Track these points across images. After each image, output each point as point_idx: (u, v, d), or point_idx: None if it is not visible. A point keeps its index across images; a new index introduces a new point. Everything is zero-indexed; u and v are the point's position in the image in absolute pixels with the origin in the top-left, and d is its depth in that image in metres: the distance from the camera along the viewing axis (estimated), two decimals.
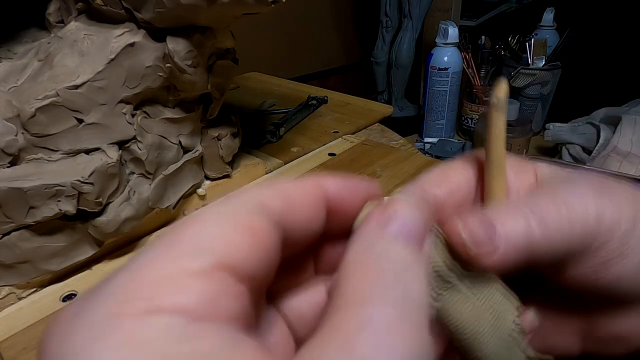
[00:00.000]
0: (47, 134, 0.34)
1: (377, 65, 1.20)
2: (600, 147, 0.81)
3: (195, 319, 0.10)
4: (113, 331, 0.09)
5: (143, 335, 0.09)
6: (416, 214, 0.14)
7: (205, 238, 0.11)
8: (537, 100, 1.05)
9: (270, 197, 0.13)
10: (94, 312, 0.10)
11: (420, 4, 1.08)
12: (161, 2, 0.33)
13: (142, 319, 0.09)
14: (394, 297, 0.11)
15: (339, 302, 0.11)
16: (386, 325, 0.10)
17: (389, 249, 0.13)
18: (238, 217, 0.12)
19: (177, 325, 0.09)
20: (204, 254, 0.11)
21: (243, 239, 0.11)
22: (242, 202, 0.12)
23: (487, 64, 1.07)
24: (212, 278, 0.10)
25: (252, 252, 0.11)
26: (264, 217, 0.12)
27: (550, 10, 1.09)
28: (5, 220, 0.32)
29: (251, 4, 0.34)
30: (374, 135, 0.64)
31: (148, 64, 0.36)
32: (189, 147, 0.43)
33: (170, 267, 0.10)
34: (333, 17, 1.31)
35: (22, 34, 0.42)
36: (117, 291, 0.10)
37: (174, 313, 0.10)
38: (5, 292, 0.34)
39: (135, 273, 0.10)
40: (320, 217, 0.14)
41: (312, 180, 0.14)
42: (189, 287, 0.10)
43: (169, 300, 0.10)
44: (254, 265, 0.11)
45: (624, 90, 0.98)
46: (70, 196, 0.32)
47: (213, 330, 0.10)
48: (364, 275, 0.12)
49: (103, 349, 0.09)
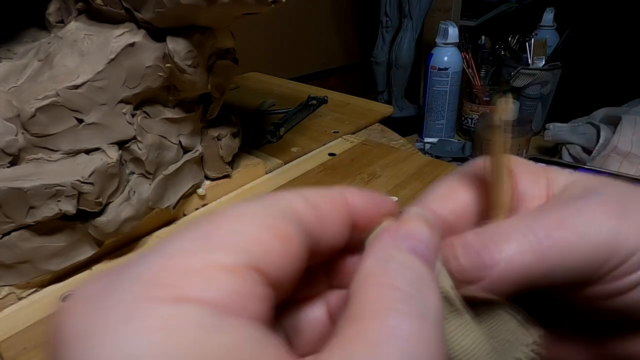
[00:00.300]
0: (47, 134, 0.34)
1: (377, 65, 1.20)
2: (600, 147, 0.81)
3: (223, 313, 0.10)
4: (143, 315, 0.09)
5: (175, 322, 0.09)
6: (431, 232, 0.14)
7: (241, 236, 0.11)
8: (537, 100, 1.05)
9: (303, 207, 0.13)
10: (123, 293, 0.10)
11: (420, 4, 1.08)
12: (161, 2, 0.33)
13: (175, 306, 0.09)
14: (416, 310, 0.11)
15: (362, 311, 0.11)
16: (411, 337, 0.11)
17: (408, 262, 0.13)
18: (274, 221, 0.12)
19: (209, 316, 0.09)
20: (237, 252, 0.11)
21: (277, 244, 0.11)
22: (275, 205, 0.12)
23: (487, 64, 1.07)
24: (242, 276, 0.10)
25: (284, 259, 0.12)
26: (296, 225, 0.12)
27: (550, 10, 1.09)
28: (5, 220, 0.32)
29: (251, 4, 0.34)
30: (374, 135, 0.64)
31: (148, 64, 0.36)
32: (189, 147, 0.43)
33: (203, 259, 0.10)
34: (333, 17, 1.31)
35: (22, 34, 0.42)
36: (146, 274, 0.10)
37: (205, 304, 0.10)
38: (5, 292, 0.34)
39: (166, 260, 0.10)
40: (345, 232, 0.14)
41: (339, 193, 0.15)
42: (219, 281, 0.10)
43: (198, 292, 0.10)
44: (282, 272, 0.12)
45: (624, 90, 0.98)
46: (70, 196, 0.32)
47: (241, 325, 0.10)
48: (386, 285, 0.12)
49: (133, 332, 0.09)
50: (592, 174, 0.18)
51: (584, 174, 0.18)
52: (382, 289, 0.12)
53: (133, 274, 0.10)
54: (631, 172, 0.74)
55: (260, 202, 0.12)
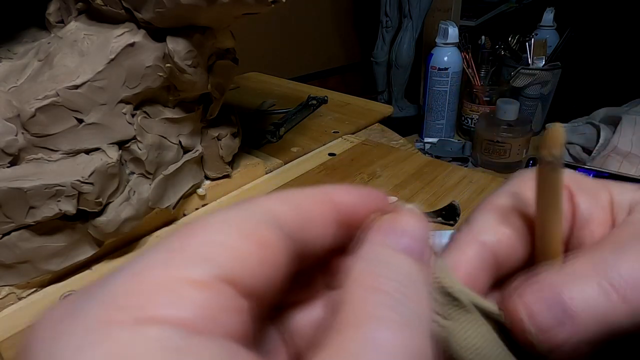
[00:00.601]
0: (47, 134, 0.34)
1: (377, 65, 1.20)
2: (600, 147, 0.82)
3: (191, 332, 0.09)
4: (101, 341, 0.09)
5: (133, 348, 0.08)
6: (421, 226, 0.13)
7: (210, 246, 0.10)
8: (537, 100, 1.05)
9: (284, 210, 0.12)
10: (83, 316, 0.09)
11: (420, 4, 1.08)
12: (161, 2, 0.33)
13: (133, 329, 0.09)
14: (400, 316, 0.11)
15: (341, 320, 0.11)
16: (391, 348, 0.10)
17: (394, 261, 0.12)
18: (248, 227, 0.11)
19: (171, 337, 0.09)
20: (206, 264, 0.10)
21: (251, 252, 0.11)
22: (253, 211, 0.12)
23: (487, 64, 1.07)
24: (212, 290, 0.10)
25: (260, 267, 0.11)
26: (277, 230, 0.11)
27: (550, 10, 1.09)
28: (5, 220, 0.32)
29: (251, 4, 0.34)
30: (374, 135, 0.64)
31: (148, 64, 0.36)
32: (189, 147, 0.43)
33: (168, 274, 0.10)
34: (333, 17, 1.31)
35: (22, 34, 0.42)
36: (108, 296, 0.09)
37: (168, 324, 0.09)
38: (5, 292, 0.34)
39: (129, 278, 0.10)
40: (332, 232, 0.14)
41: (323, 192, 0.14)
42: (186, 297, 0.09)
43: (163, 310, 0.09)
44: (260, 281, 0.11)
45: (624, 90, 0.98)
46: (70, 196, 0.32)
47: (210, 345, 0.09)
48: (367, 291, 0.11)
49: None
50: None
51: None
52: (365, 293, 0.11)
53: (97, 295, 0.10)
54: (631, 172, 0.74)
55: (237, 208, 0.12)
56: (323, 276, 0.16)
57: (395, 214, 0.14)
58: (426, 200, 0.45)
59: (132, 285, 0.10)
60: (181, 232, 0.11)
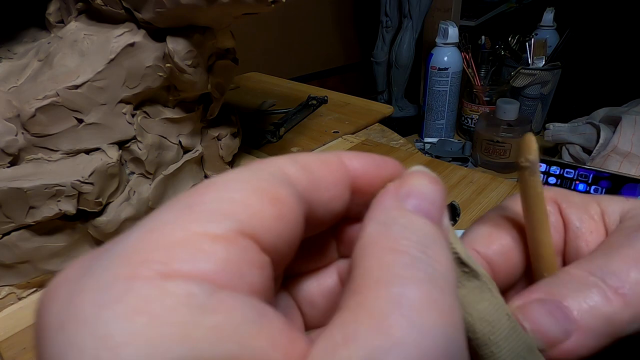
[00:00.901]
0: (47, 134, 0.34)
1: (377, 65, 1.20)
2: (600, 147, 0.81)
3: (217, 288, 0.09)
4: (126, 297, 0.08)
5: (161, 303, 0.08)
6: (435, 187, 0.13)
7: (227, 202, 0.10)
8: (537, 100, 1.05)
9: (295, 171, 0.12)
10: (102, 273, 0.09)
11: (420, 4, 1.08)
12: (161, 2, 0.33)
13: (159, 284, 0.08)
14: (424, 274, 0.10)
15: (365, 280, 0.10)
16: (419, 304, 0.10)
17: (411, 222, 0.12)
18: (263, 185, 0.11)
19: (199, 293, 0.08)
20: (226, 219, 0.10)
21: (268, 208, 0.10)
22: (266, 170, 0.11)
23: (487, 64, 1.07)
24: (235, 244, 0.09)
25: (277, 223, 0.11)
26: (290, 189, 0.11)
27: (550, 10, 1.09)
28: (5, 220, 0.32)
29: (251, 4, 0.34)
30: (374, 135, 0.64)
31: (148, 64, 0.36)
32: (189, 147, 0.43)
33: (189, 229, 0.09)
34: (333, 17, 1.31)
35: (22, 34, 0.42)
36: (128, 252, 0.09)
37: (193, 279, 0.09)
38: (5, 292, 0.34)
39: (148, 235, 0.09)
40: (344, 196, 0.13)
41: (336, 156, 0.13)
42: (210, 252, 0.09)
43: (188, 265, 0.09)
44: (278, 236, 0.11)
45: (624, 90, 0.98)
46: (70, 196, 0.32)
47: (237, 302, 0.09)
48: (389, 250, 0.11)
49: (115, 317, 0.08)
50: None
51: (637, 201, 0.16)
52: (385, 255, 0.11)
53: (114, 252, 0.09)
54: (631, 172, 0.74)
55: (248, 168, 0.11)
56: (336, 245, 0.16)
57: (408, 176, 0.13)
58: None
59: (152, 241, 0.09)
60: (195, 190, 0.11)
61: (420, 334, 0.09)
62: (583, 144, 0.87)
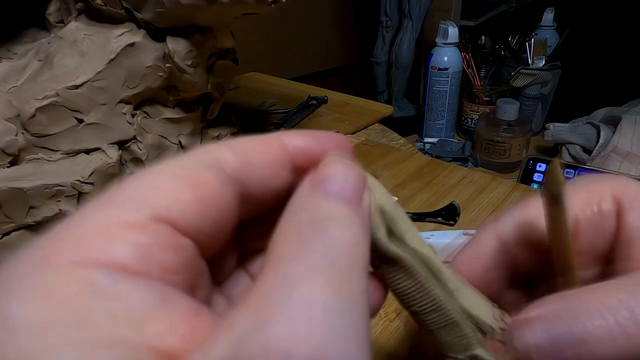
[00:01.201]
0: (47, 134, 0.34)
1: (377, 65, 1.20)
2: (600, 147, 0.81)
3: (124, 274, 0.09)
4: (31, 283, 0.09)
5: (62, 290, 0.09)
6: (350, 172, 0.13)
7: (144, 191, 0.11)
8: (537, 100, 1.05)
9: (227, 153, 0.12)
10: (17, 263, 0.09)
11: (420, 4, 1.08)
12: (161, 2, 0.33)
13: (66, 271, 0.09)
14: (317, 254, 0.10)
15: (264, 267, 0.10)
16: (302, 279, 0.09)
17: (319, 205, 0.12)
18: (184, 171, 0.11)
19: (102, 279, 0.09)
20: (141, 206, 0.10)
21: (186, 192, 0.11)
22: (192, 157, 0.12)
23: (487, 64, 1.07)
24: (147, 230, 0.10)
25: (197, 206, 0.11)
26: (215, 171, 0.12)
27: (550, 10, 1.09)
28: (5, 220, 0.32)
29: (251, 4, 0.34)
30: (374, 135, 0.64)
31: (148, 64, 0.36)
32: (189, 147, 0.43)
33: (103, 218, 0.10)
34: (333, 17, 1.31)
35: (22, 34, 0.42)
36: (45, 242, 0.10)
37: (102, 266, 0.09)
38: None
39: (67, 226, 0.10)
40: (282, 174, 0.13)
41: (274, 136, 0.13)
42: (121, 238, 0.10)
43: (99, 253, 0.09)
44: (199, 219, 0.11)
45: (624, 90, 0.98)
46: (70, 196, 0.32)
47: (141, 287, 0.09)
48: (289, 235, 0.11)
49: (13, 300, 0.09)
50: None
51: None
52: (285, 240, 0.11)
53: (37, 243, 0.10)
54: (631, 172, 0.74)
55: (180, 157, 0.12)
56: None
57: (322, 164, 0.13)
58: (426, 200, 0.45)
59: (69, 231, 0.10)
60: (121, 182, 0.11)
61: (301, 307, 0.09)
62: (583, 144, 0.87)
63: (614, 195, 0.16)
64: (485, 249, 0.18)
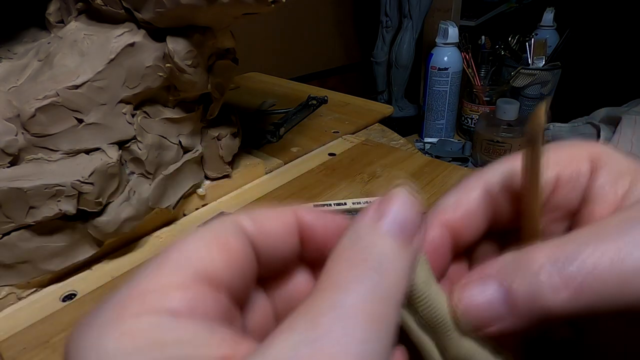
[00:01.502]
0: (47, 134, 0.34)
1: (377, 65, 1.20)
2: None
3: (180, 317, 0.12)
4: (115, 328, 0.12)
5: (139, 329, 0.12)
6: (409, 211, 0.14)
7: (186, 256, 0.13)
8: (537, 100, 1.05)
9: (247, 222, 0.15)
10: (100, 317, 0.12)
11: (420, 4, 1.08)
12: (161, 2, 0.33)
13: (138, 318, 0.12)
14: (369, 286, 0.12)
15: (317, 287, 0.12)
16: (353, 311, 0.11)
17: (375, 241, 0.13)
18: (216, 237, 0.14)
19: (164, 320, 0.12)
20: (184, 269, 0.13)
21: (219, 255, 0.14)
22: (221, 224, 0.15)
23: (487, 64, 1.07)
24: (191, 288, 0.13)
25: (227, 265, 0.14)
26: (240, 236, 0.14)
27: (550, 10, 1.09)
28: (5, 220, 0.32)
29: (251, 4, 0.34)
30: (374, 135, 0.64)
31: (148, 64, 0.36)
32: (189, 147, 0.43)
33: (158, 281, 0.13)
34: (333, 17, 1.31)
35: (22, 34, 0.42)
36: (117, 300, 0.13)
37: (162, 313, 0.12)
38: (5, 292, 0.34)
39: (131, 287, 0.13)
40: (291, 241, 0.16)
41: (289, 210, 0.16)
42: (172, 296, 0.13)
43: (157, 305, 0.12)
44: (228, 275, 0.14)
45: (624, 90, 0.98)
46: (70, 196, 0.32)
47: (192, 324, 0.12)
48: (345, 264, 0.13)
49: (108, 340, 0.12)
50: None
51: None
52: (342, 266, 0.13)
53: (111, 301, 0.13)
54: None
55: (210, 224, 0.15)
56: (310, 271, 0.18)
57: (388, 196, 0.14)
58: (426, 200, 0.45)
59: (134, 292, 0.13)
60: (166, 249, 0.14)
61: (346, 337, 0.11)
62: None
63: (591, 156, 0.17)
64: (470, 194, 0.18)
